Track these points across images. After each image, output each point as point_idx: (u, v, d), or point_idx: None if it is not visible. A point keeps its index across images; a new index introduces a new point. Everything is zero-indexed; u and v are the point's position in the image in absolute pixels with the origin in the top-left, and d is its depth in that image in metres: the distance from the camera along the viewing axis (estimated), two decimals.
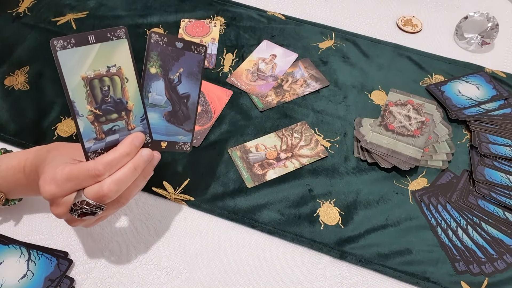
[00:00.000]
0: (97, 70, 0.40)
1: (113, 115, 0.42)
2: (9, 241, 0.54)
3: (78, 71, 0.40)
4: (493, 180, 0.62)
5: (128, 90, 0.42)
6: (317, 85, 0.73)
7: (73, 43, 0.39)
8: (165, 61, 0.45)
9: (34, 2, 0.82)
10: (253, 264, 0.55)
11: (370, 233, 0.57)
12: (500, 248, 0.56)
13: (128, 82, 0.42)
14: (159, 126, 0.47)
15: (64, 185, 0.41)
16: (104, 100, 0.41)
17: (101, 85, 0.41)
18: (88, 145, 0.42)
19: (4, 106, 0.67)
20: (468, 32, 0.80)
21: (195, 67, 0.48)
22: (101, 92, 0.41)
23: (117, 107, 0.42)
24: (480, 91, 0.73)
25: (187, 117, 0.49)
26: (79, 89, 0.40)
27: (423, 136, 0.65)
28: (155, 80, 0.45)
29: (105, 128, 0.42)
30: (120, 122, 0.43)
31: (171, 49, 0.45)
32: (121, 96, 0.42)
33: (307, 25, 0.82)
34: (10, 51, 0.74)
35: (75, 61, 0.39)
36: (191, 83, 0.48)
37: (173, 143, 0.48)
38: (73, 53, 0.39)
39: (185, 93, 0.48)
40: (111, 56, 0.41)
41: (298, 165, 0.63)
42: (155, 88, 0.45)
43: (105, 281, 0.52)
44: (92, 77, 0.40)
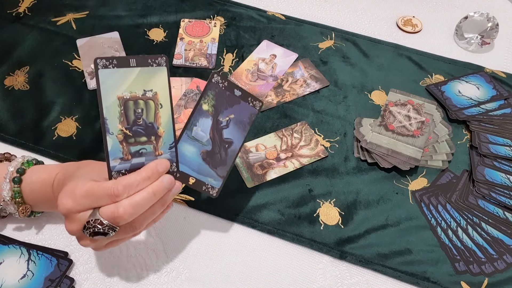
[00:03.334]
0: (134, 93, 0.41)
1: (143, 138, 0.43)
2: (9, 241, 0.54)
3: (115, 91, 0.41)
4: (493, 180, 0.62)
5: (161, 116, 0.43)
6: (317, 85, 0.73)
7: (115, 64, 0.40)
8: (219, 103, 0.46)
9: (34, 2, 0.82)
10: (253, 264, 0.55)
11: (370, 233, 0.57)
12: (500, 248, 0.56)
13: (162, 108, 0.43)
14: (193, 161, 0.47)
15: (81, 201, 0.41)
16: (136, 122, 0.42)
17: (135, 107, 0.42)
18: (114, 164, 0.42)
19: (4, 106, 0.67)
20: (468, 32, 0.80)
21: (246, 118, 0.48)
22: (134, 114, 0.42)
23: (147, 130, 0.43)
24: (480, 91, 0.73)
25: (224, 162, 0.49)
26: (114, 108, 0.41)
27: (423, 136, 0.65)
28: (204, 117, 0.46)
29: (132, 150, 0.43)
30: (148, 146, 0.43)
31: (228, 94, 0.46)
32: (153, 121, 0.43)
33: (307, 25, 0.82)
34: (10, 51, 0.74)
35: (114, 81, 0.40)
36: (237, 132, 0.48)
37: (201, 183, 0.48)
38: (114, 73, 0.40)
39: (228, 138, 0.48)
40: (149, 81, 0.42)
41: (298, 165, 0.63)
42: (201, 124, 0.46)
43: (105, 281, 0.52)
44: (127, 98, 0.41)
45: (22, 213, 0.50)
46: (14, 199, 0.49)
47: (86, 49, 0.74)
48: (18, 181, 0.49)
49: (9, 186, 0.48)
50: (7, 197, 0.49)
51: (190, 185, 0.47)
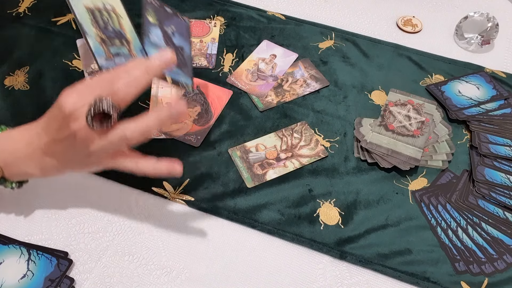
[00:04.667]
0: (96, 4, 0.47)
1: (116, 41, 0.48)
2: (9, 241, 0.54)
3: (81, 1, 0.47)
4: (493, 180, 0.62)
5: (124, 25, 0.49)
6: (317, 85, 0.73)
7: None
8: (159, 16, 0.51)
9: (34, 2, 0.82)
10: (253, 264, 0.55)
11: (370, 233, 0.57)
12: (500, 248, 0.56)
13: (122, 19, 0.49)
14: None
15: (84, 91, 0.43)
16: (106, 27, 0.48)
17: (101, 15, 0.48)
18: (101, 61, 0.48)
19: (4, 106, 0.67)
20: (468, 32, 0.80)
21: (184, 31, 0.52)
22: (101, 20, 0.47)
23: (117, 35, 0.49)
24: (480, 91, 0.73)
25: (184, 64, 0.53)
26: (84, 15, 0.47)
27: (423, 136, 0.65)
28: (153, 27, 0.51)
29: (112, 51, 0.48)
30: (123, 48, 0.49)
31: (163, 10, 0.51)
32: (119, 28, 0.49)
33: (307, 25, 0.82)
34: (10, 51, 0.74)
35: None
36: (183, 40, 0.52)
37: (176, 82, 0.53)
38: None
39: (179, 45, 0.52)
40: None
41: (298, 165, 0.63)
42: (154, 32, 0.51)
43: (105, 281, 0.52)
44: (92, 8, 0.47)
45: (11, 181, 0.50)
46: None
47: (86, 49, 0.74)
48: None
49: None
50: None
51: (169, 83, 0.53)
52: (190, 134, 0.65)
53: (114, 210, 0.58)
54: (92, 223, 0.57)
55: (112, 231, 0.56)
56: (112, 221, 0.57)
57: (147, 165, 0.48)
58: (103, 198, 0.59)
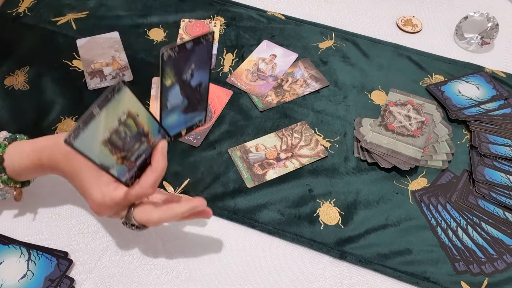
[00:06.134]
0: (111, 128, 0.41)
1: (136, 146, 0.44)
2: (9, 241, 0.54)
3: (97, 142, 0.40)
4: (493, 180, 0.62)
5: (141, 121, 0.44)
6: (317, 85, 0.73)
7: (82, 126, 0.38)
8: (178, 69, 0.45)
9: (34, 2, 0.82)
10: (253, 264, 0.55)
11: (370, 233, 0.57)
12: (500, 248, 0.56)
13: (139, 116, 0.43)
14: (178, 121, 0.49)
15: (115, 207, 0.46)
16: (125, 142, 0.43)
17: (119, 135, 0.42)
18: (125, 178, 0.45)
19: (4, 106, 0.67)
20: (468, 32, 0.80)
21: (205, 55, 0.48)
22: (120, 141, 0.42)
23: (136, 139, 0.44)
24: (480, 91, 0.73)
25: (201, 99, 0.50)
26: (103, 152, 0.41)
27: (423, 136, 0.65)
28: (171, 89, 0.46)
29: (133, 159, 0.45)
30: (143, 146, 0.45)
31: (183, 55, 0.45)
32: (136, 129, 0.43)
33: (307, 25, 0.82)
34: (10, 51, 0.74)
35: (91, 138, 0.39)
36: (202, 72, 0.48)
37: (190, 127, 0.51)
38: (86, 133, 0.39)
39: (197, 83, 0.49)
40: (118, 109, 0.41)
41: (298, 165, 0.63)
42: (171, 96, 0.46)
43: (105, 281, 0.52)
44: (109, 137, 0.41)
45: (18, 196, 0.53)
46: (6, 184, 0.50)
47: (86, 49, 0.74)
48: (2, 170, 0.49)
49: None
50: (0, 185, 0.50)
51: (184, 135, 0.51)
52: (190, 134, 0.65)
53: None
54: (92, 223, 0.57)
55: (112, 231, 0.56)
56: (112, 221, 0.57)
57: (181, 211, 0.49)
58: None
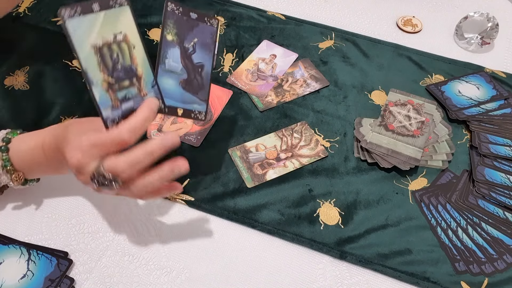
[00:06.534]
0: (105, 38, 0.41)
1: (125, 82, 0.43)
2: (9, 241, 0.54)
3: (87, 40, 0.40)
4: (493, 180, 0.62)
5: (136, 57, 0.43)
6: (317, 85, 0.73)
7: (80, 11, 0.39)
8: (180, 30, 0.46)
9: (34, 2, 0.82)
10: (253, 264, 0.55)
11: (370, 233, 0.57)
12: (500, 248, 0.56)
13: (135, 49, 0.43)
14: (175, 93, 0.47)
15: (90, 152, 0.42)
16: (115, 67, 0.42)
17: (110, 53, 0.41)
18: (106, 113, 0.42)
19: (4, 106, 0.67)
20: (468, 32, 0.80)
21: (209, 39, 0.48)
22: (111, 60, 0.41)
23: (127, 74, 0.43)
24: (480, 91, 0.73)
25: (201, 86, 0.49)
26: (90, 57, 0.40)
27: (423, 136, 0.65)
28: (172, 47, 0.46)
29: (119, 96, 0.43)
30: (132, 89, 0.43)
31: (186, 19, 0.46)
32: (130, 63, 0.43)
33: (307, 25, 0.82)
34: (10, 51, 0.74)
35: (83, 29, 0.40)
36: (204, 54, 0.48)
37: (188, 112, 0.49)
38: (81, 21, 0.39)
39: (199, 62, 0.48)
40: (116, 23, 0.41)
41: (298, 165, 0.63)
42: (171, 55, 0.46)
43: (105, 281, 0.52)
44: (101, 45, 0.41)
45: (16, 181, 0.50)
46: (4, 167, 0.50)
47: None
48: (5, 149, 0.49)
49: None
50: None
51: (180, 115, 0.48)
52: (190, 134, 0.65)
53: (114, 210, 0.58)
54: (92, 223, 0.57)
55: (112, 231, 0.56)
56: (112, 221, 0.57)
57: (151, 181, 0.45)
58: (103, 198, 0.59)
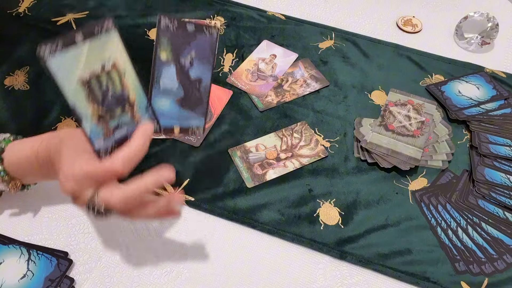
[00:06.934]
0: (92, 70, 0.39)
1: (117, 110, 0.41)
2: (9, 241, 0.54)
3: (73, 75, 0.38)
4: (493, 180, 0.62)
5: (127, 83, 0.41)
6: (317, 85, 0.73)
7: (61, 45, 0.37)
8: (176, 45, 0.43)
9: (34, 2, 0.82)
10: (253, 264, 0.55)
11: (370, 233, 0.57)
12: (500, 248, 0.56)
13: (125, 75, 0.41)
14: (171, 112, 0.46)
15: (83, 182, 0.42)
16: (105, 98, 0.40)
17: (99, 84, 0.39)
18: (98, 145, 0.41)
19: (4, 106, 0.67)
20: (468, 32, 0.80)
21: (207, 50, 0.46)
22: (100, 92, 0.40)
23: (119, 102, 0.41)
24: (480, 91, 0.73)
25: (199, 101, 0.47)
26: (78, 93, 0.39)
27: (423, 136, 0.65)
28: (166, 66, 0.44)
29: (111, 125, 0.41)
30: (125, 116, 0.42)
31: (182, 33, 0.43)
32: (121, 91, 0.41)
33: (307, 25, 0.82)
34: (10, 51, 0.74)
35: (67, 65, 0.38)
36: (203, 67, 0.46)
37: (186, 129, 0.47)
38: (64, 57, 0.37)
39: (197, 77, 0.46)
40: (103, 51, 0.39)
41: (298, 165, 0.63)
42: (166, 74, 0.44)
43: (105, 281, 0.52)
44: (88, 79, 0.39)
45: (13, 189, 0.50)
46: (0, 177, 0.49)
47: None
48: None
49: None
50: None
51: (177, 135, 0.46)
52: None
53: None
54: (92, 223, 0.57)
55: (112, 231, 0.56)
56: (112, 221, 0.57)
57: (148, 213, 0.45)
58: None
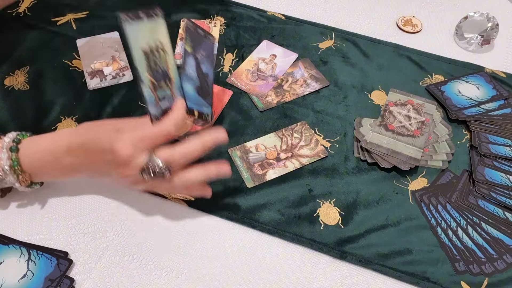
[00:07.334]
0: (150, 45, 0.47)
1: (162, 84, 0.49)
2: (9, 241, 0.54)
3: (139, 44, 0.47)
4: (493, 180, 0.62)
5: (169, 63, 0.49)
6: (317, 85, 0.73)
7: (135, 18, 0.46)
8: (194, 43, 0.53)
9: (34, 2, 0.82)
10: (253, 264, 0.55)
11: (370, 233, 0.57)
12: (500, 248, 0.56)
13: (168, 56, 0.49)
14: (192, 97, 0.53)
15: (140, 145, 0.47)
16: (156, 70, 0.48)
17: (153, 57, 0.48)
18: (152, 110, 0.48)
19: (4, 106, 0.67)
20: (468, 32, 0.80)
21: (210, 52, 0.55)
22: (154, 64, 0.48)
23: (164, 76, 0.49)
24: (480, 91, 0.73)
25: (207, 92, 0.55)
26: (141, 60, 0.47)
27: (423, 136, 0.65)
28: (189, 57, 0.52)
29: (159, 95, 0.48)
30: (167, 90, 0.49)
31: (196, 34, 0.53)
32: (165, 68, 0.49)
33: (307, 25, 0.82)
34: (10, 51, 0.74)
35: (137, 35, 0.46)
36: (209, 65, 0.55)
37: (201, 113, 0.54)
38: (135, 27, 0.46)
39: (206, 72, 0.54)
40: (156, 32, 0.48)
41: (298, 165, 0.63)
42: (190, 64, 0.52)
43: (105, 281, 0.52)
44: (148, 50, 0.47)
45: (23, 182, 0.51)
46: (12, 167, 0.50)
47: (86, 49, 0.74)
48: (15, 149, 0.50)
49: (7, 155, 0.49)
50: (6, 166, 0.49)
51: (196, 116, 0.53)
52: (190, 134, 0.65)
53: (114, 210, 0.58)
54: (92, 223, 0.57)
55: (112, 231, 0.56)
56: (112, 221, 0.57)
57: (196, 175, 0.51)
58: (103, 198, 0.59)
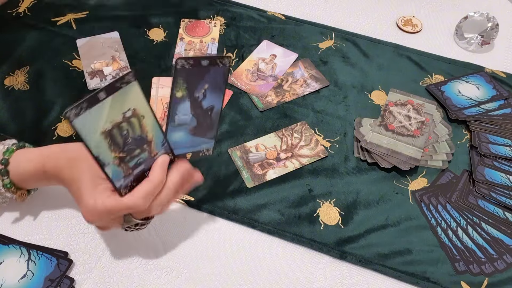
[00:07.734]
0: (114, 121, 0.40)
1: (136, 151, 0.44)
2: (9, 241, 0.54)
3: (97, 129, 0.40)
4: (493, 180, 0.62)
5: (146, 125, 0.43)
6: (317, 85, 0.73)
7: (85, 106, 0.38)
8: (190, 83, 0.45)
9: (34, 2, 0.82)
10: (253, 264, 0.55)
11: (370, 233, 0.57)
12: (500, 248, 0.56)
13: (144, 118, 0.43)
14: (184, 141, 0.48)
15: (105, 217, 0.45)
16: (125, 142, 0.42)
17: (120, 131, 0.41)
18: (119, 184, 0.43)
19: (4, 106, 0.67)
20: (468, 32, 0.80)
21: (220, 79, 0.47)
22: (121, 138, 0.42)
23: (138, 143, 0.43)
24: (480, 91, 0.73)
25: (210, 126, 0.50)
26: (101, 143, 0.40)
27: (423, 136, 0.65)
28: (181, 103, 0.45)
29: (131, 165, 0.44)
30: (143, 154, 0.44)
31: (197, 70, 0.45)
32: (140, 133, 0.43)
33: (307, 25, 0.82)
34: (10, 51, 0.74)
35: (91, 123, 0.39)
36: (215, 95, 0.48)
37: (197, 152, 0.50)
38: (88, 116, 0.39)
39: (209, 105, 0.48)
40: (125, 102, 0.41)
41: (298, 165, 0.63)
42: (180, 110, 0.46)
43: (105, 281, 0.52)
44: (110, 129, 0.40)
45: (20, 198, 0.52)
46: (7, 189, 0.50)
47: (86, 49, 0.74)
48: (5, 172, 0.50)
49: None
50: (1, 188, 0.50)
51: (188, 159, 0.49)
52: None
53: None
54: None
55: (112, 231, 0.56)
56: None
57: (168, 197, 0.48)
58: None
